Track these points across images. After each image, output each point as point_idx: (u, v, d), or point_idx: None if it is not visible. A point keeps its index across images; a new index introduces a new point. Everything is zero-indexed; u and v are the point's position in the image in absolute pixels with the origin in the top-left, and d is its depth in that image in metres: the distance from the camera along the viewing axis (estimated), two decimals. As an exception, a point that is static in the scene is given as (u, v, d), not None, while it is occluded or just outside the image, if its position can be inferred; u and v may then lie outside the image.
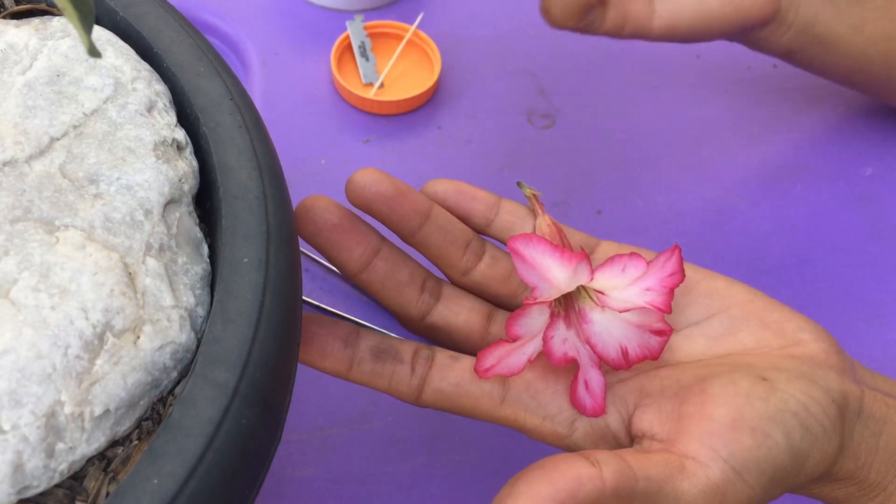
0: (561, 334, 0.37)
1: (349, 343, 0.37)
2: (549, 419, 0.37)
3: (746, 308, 0.38)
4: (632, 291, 0.36)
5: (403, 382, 0.37)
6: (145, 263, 0.30)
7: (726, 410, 0.34)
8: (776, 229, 0.60)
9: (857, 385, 0.37)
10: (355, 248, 0.37)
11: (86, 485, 0.28)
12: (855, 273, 0.58)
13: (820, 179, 0.62)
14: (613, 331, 0.37)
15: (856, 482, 0.37)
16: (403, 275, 0.38)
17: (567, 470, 0.32)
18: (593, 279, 0.36)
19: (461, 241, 0.39)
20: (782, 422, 0.34)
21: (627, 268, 0.36)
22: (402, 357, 0.37)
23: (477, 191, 0.40)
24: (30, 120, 0.33)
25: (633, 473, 0.33)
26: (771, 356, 0.37)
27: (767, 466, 0.34)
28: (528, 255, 0.35)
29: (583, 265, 0.36)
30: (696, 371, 0.37)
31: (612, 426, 0.37)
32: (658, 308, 0.36)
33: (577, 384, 0.36)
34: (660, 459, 0.34)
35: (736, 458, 0.34)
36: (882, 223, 0.60)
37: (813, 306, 0.56)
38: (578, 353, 0.37)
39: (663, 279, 0.36)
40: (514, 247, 0.35)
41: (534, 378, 0.37)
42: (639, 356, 0.37)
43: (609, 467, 0.33)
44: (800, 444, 0.34)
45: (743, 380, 0.35)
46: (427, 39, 0.64)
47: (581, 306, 0.37)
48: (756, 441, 0.34)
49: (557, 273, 0.35)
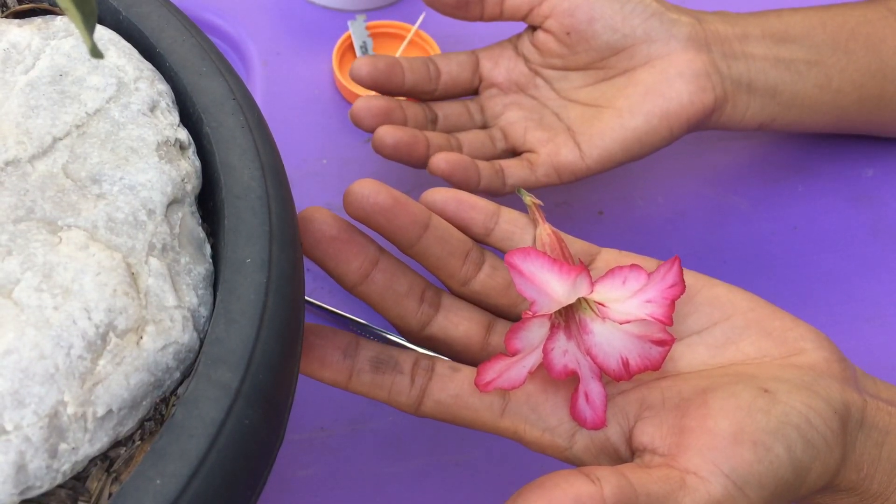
0: (561, 346, 0.36)
1: (349, 353, 0.37)
2: (549, 431, 0.37)
3: (748, 317, 0.38)
4: (632, 304, 0.36)
5: (403, 393, 0.37)
6: (148, 263, 0.30)
7: (727, 424, 0.34)
8: (777, 229, 0.60)
9: (859, 394, 0.37)
10: (353, 260, 0.37)
11: (88, 485, 0.28)
12: (855, 273, 0.58)
13: (820, 180, 0.62)
14: (614, 342, 0.37)
15: (858, 493, 0.37)
16: (402, 286, 0.38)
17: (567, 489, 0.32)
18: (593, 292, 0.36)
19: (460, 251, 0.39)
20: (784, 435, 0.34)
21: (628, 280, 0.36)
22: (401, 368, 0.37)
23: (476, 199, 0.40)
24: (32, 120, 0.33)
25: (634, 490, 0.33)
26: (773, 366, 0.37)
27: (769, 481, 0.34)
28: (526, 270, 0.35)
29: (582, 278, 0.35)
30: (697, 382, 0.37)
31: (612, 439, 0.36)
32: (659, 320, 0.36)
33: (577, 397, 0.36)
34: (660, 475, 0.34)
35: (737, 472, 0.33)
36: (882, 224, 0.60)
37: (813, 307, 0.56)
38: (579, 364, 0.36)
39: (664, 291, 0.36)
40: (512, 261, 0.35)
41: (534, 390, 0.37)
42: (640, 367, 0.37)
43: (609, 485, 0.32)
44: (801, 457, 0.34)
45: (744, 392, 0.35)
46: (429, 39, 0.64)
47: (581, 317, 0.37)
48: (758, 455, 0.34)
49: (556, 287, 0.35)
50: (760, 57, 0.52)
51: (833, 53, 0.54)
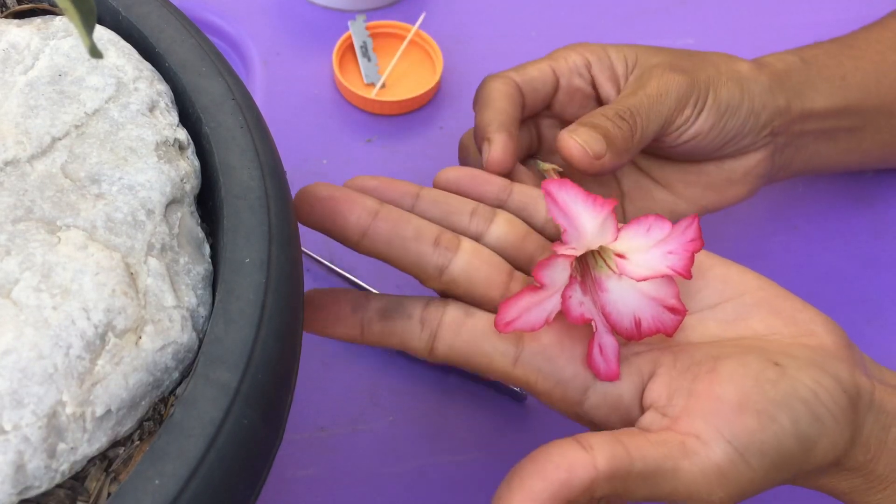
0: (578, 297, 0.36)
1: (358, 307, 0.38)
2: (562, 384, 0.37)
3: (758, 295, 0.38)
4: (654, 254, 0.36)
5: (414, 337, 0.38)
6: (147, 263, 0.30)
7: (734, 392, 0.34)
8: (777, 229, 0.60)
9: (867, 378, 0.37)
10: (350, 214, 0.37)
11: (87, 485, 0.28)
12: (856, 274, 0.58)
13: (821, 180, 0.62)
14: (629, 300, 0.37)
15: (863, 474, 0.37)
16: (408, 231, 0.38)
17: (559, 460, 0.33)
18: (618, 238, 0.37)
19: (462, 209, 0.40)
20: (790, 407, 0.34)
21: (652, 228, 0.37)
22: (409, 313, 0.38)
23: (490, 175, 0.41)
24: (31, 120, 0.33)
25: (629, 456, 0.33)
26: (784, 343, 0.37)
27: (771, 450, 0.34)
28: (560, 199, 0.36)
29: (610, 218, 0.36)
30: (710, 350, 0.37)
31: (625, 397, 0.36)
32: (679, 273, 0.36)
33: (592, 347, 0.36)
34: (659, 439, 0.34)
35: (739, 439, 0.33)
36: (883, 224, 0.60)
37: (813, 307, 0.56)
38: (594, 317, 0.37)
39: (685, 244, 0.36)
40: (548, 188, 0.36)
41: (550, 342, 0.37)
42: (652, 328, 0.37)
43: (602, 452, 0.33)
44: (807, 430, 0.34)
45: (754, 363, 0.35)
46: (429, 39, 0.64)
47: (598, 275, 0.38)
48: (761, 424, 0.34)
49: (587, 220, 0.36)
50: (811, 133, 0.53)
51: (876, 117, 0.54)
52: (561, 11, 0.69)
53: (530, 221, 0.41)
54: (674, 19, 0.70)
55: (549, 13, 0.69)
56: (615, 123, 0.45)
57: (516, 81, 0.48)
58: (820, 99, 0.52)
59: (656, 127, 0.47)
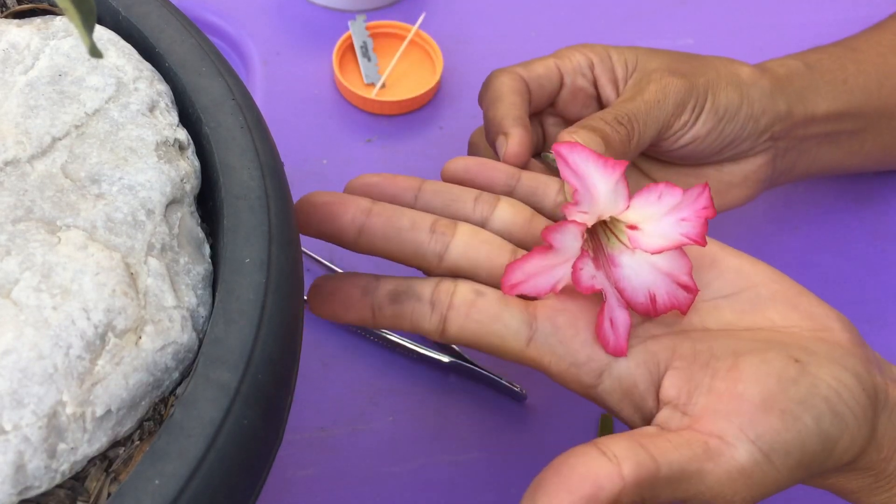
0: (590, 271, 0.36)
1: (368, 291, 0.38)
2: (577, 367, 0.36)
3: (772, 287, 0.38)
4: (668, 222, 0.36)
5: (424, 319, 0.37)
6: (147, 264, 0.30)
7: (757, 391, 0.34)
8: (777, 230, 0.59)
9: (882, 377, 0.37)
10: (344, 214, 0.38)
11: (87, 485, 0.28)
12: (856, 274, 0.58)
13: (822, 180, 0.62)
14: (643, 275, 0.37)
15: (873, 473, 0.36)
16: (403, 222, 0.38)
17: (585, 473, 0.32)
18: (630, 207, 0.36)
19: (465, 197, 0.40)
20: (813, 406, 0.34)
21: (664, 195, 0.36)
22: (419, 295, 0.37)
23: (498, 163, 0.42)
24: (31, 120, 0.33)
25: (654, 462, 0.32)
26: (802, 337, 0.37)
27: (795, 450, 0.33)
28: (571, 161, 0.36)
29: (622, 182, 0.36)
30: (729, 343, 0.36)
31: (640, 385, 0.36)
32: (693, 240, 0.36)
33: (602, 319, 0.36)
34: (682, 440, 0.33)
35: (764, 439, 0.33)
36: (883, 225, 0.60)
37: (826, 303, 0.56)
38: (605, 290, 0.36)
39: (698, 211, 0.36)
40: (560, 150, 0.36)
41: (564, 324, 0.36)
42: (667, 305, 0.37)
43: (628, 462, 0.32)
44: (829, 429, 0.34)
45: (776, 360, 0.35)
46: (429, 39, 0.64)
47: (611, 252, 0.37)
48: (786, 424, 0.33)
49: (599, 182, 0.35)
50: (813, 137, 0.53)
51: (877, 120, 0.54)
52: (561, 11, 0.69)
53: (539, 206, 0.41)
54: (674, 20, 0.70)
55: (549, 13, 0.69)
56: (613, 128, 0.45)
57: (523, 77, 0.48)
58: (823, 103, 0.52)
59: (653, 132, 0.47)
